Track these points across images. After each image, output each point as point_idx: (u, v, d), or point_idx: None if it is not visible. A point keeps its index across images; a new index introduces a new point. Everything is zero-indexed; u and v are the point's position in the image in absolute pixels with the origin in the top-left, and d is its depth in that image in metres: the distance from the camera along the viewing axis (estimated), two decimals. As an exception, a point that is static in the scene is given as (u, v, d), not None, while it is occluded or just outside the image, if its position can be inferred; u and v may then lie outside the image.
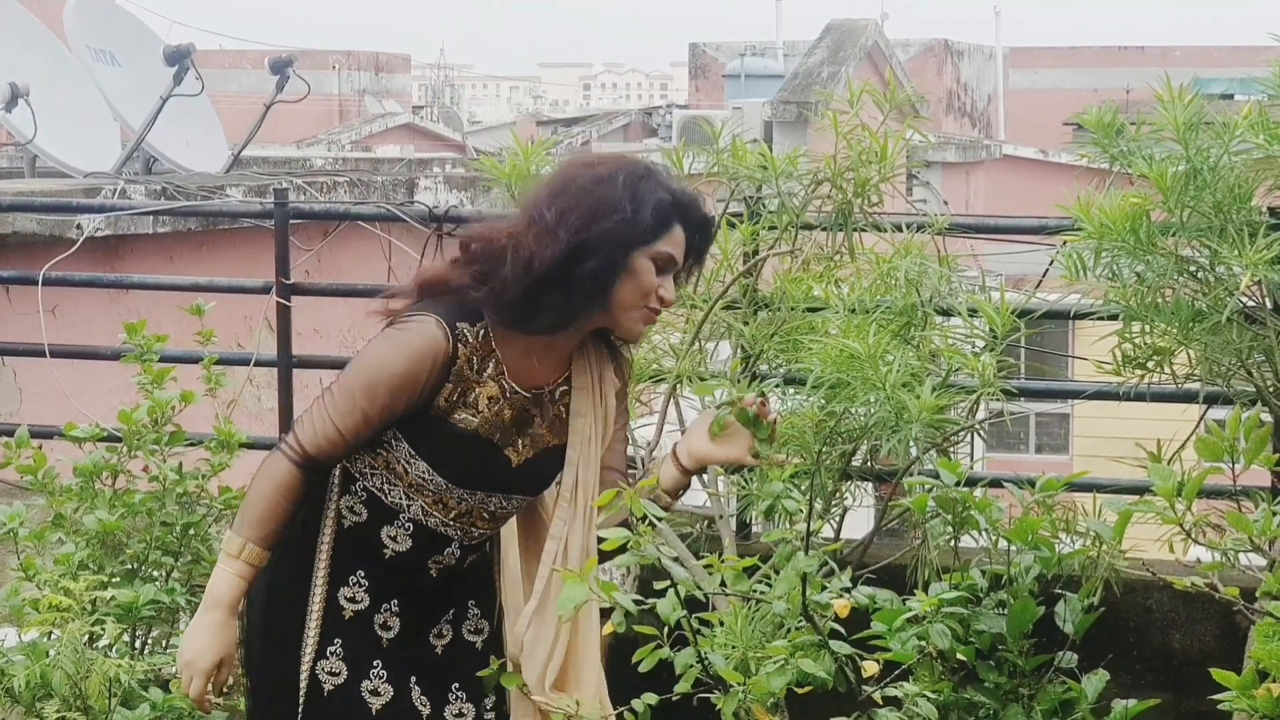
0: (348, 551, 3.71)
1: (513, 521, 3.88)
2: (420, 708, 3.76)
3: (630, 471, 5.21)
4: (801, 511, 3.86)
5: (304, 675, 3.68)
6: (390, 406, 3.58)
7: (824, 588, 3.63)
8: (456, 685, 3.83)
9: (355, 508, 3.71)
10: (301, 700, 3.68)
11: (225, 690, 3.71)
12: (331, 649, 3.69)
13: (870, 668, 3.62)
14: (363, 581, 3.72)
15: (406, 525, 3.71)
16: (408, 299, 3.65)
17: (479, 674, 3.81)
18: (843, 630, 3.66)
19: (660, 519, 3.43)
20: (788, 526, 4.48)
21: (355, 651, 3.71)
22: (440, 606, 3.83)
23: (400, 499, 3.69)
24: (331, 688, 3.69)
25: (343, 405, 3.58)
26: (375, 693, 3.72)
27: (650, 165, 3.64)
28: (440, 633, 3.83)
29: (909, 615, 3.88)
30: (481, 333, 3.60)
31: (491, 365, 3.62)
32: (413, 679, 3.77)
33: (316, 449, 3.60)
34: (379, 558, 3.72)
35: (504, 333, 3.61)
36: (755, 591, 3.62)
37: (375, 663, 3.72)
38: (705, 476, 5.21)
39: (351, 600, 3.72)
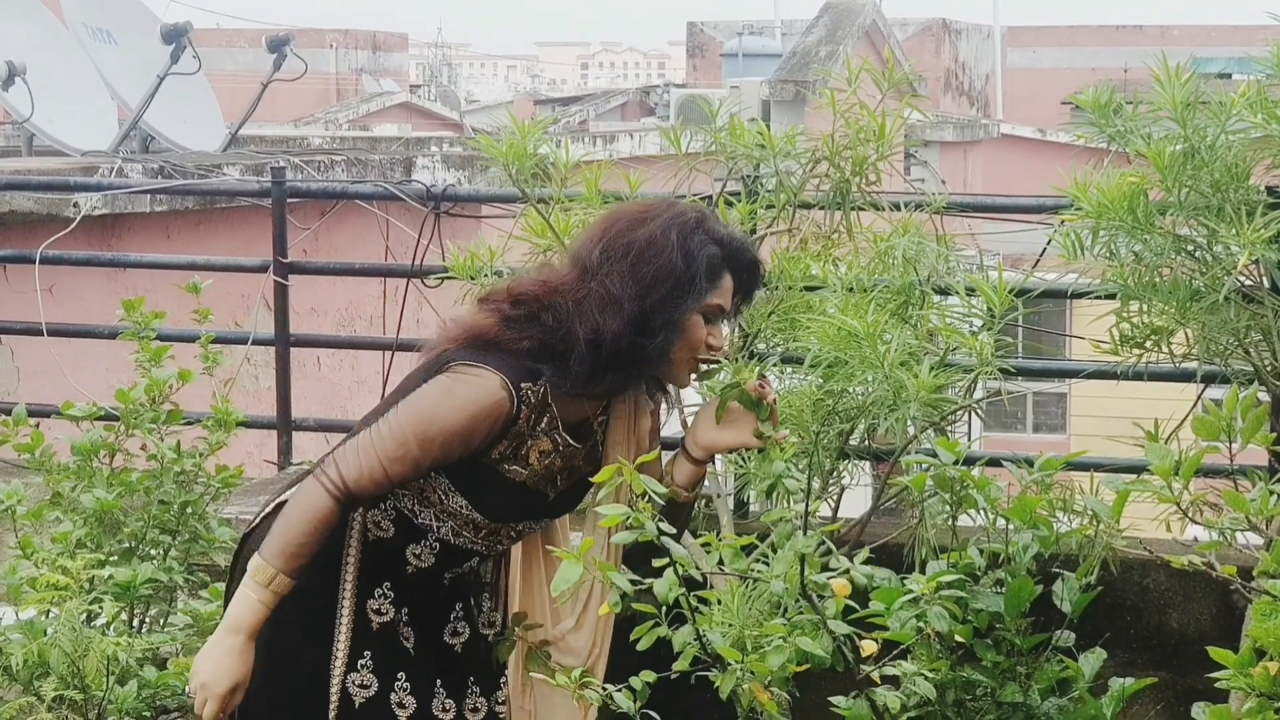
0: (373, 564, 3.69)
1: None
2: (442, 715, 3.78)
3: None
4: (802, 491, 3.86)
5: (334, 688, 3.66)
6: (444, 457, 3.55)
7: (825, 567, 3.63)
8: (472, 680, 3.84)
9: (383, 524, 3.69)
10: (333, 713, 3.66)
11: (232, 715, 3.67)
12: (362, 661, 3.68)
13: (869, 647, 3.62)
14: (389, 593, 3.71)
15: (433, 545, 3.71)
16: (455, 346, 3.58)
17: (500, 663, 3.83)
18: (854, 607, 3.67)
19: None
20: (786, 505, 4.49)
21: (383, 663, 3.70)
22: (449, 605, 3.83)
23: (430, 520, 3.68)
24: (363, 700, 3.68)
25: (393, 450, 3.53)
26: (401, 705, 3.72)
27: (700, 214, 3.60)
28: (456, 630, 3.84)
29: (909, 597, 3.88)
30: (541, 391, 3.56)
31: (546, 420, 3.59)
32: (438, 683, 3.78)
33: (359, 488, 3.55)
34: (400, 571, 3.72)
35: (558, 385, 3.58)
36: (753, 571, 3.62)
37: (400, 674, 3.72)
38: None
39: (378, 612, 3.71)
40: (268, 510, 3.76)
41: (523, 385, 3.52)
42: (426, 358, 3.62)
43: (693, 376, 3.70)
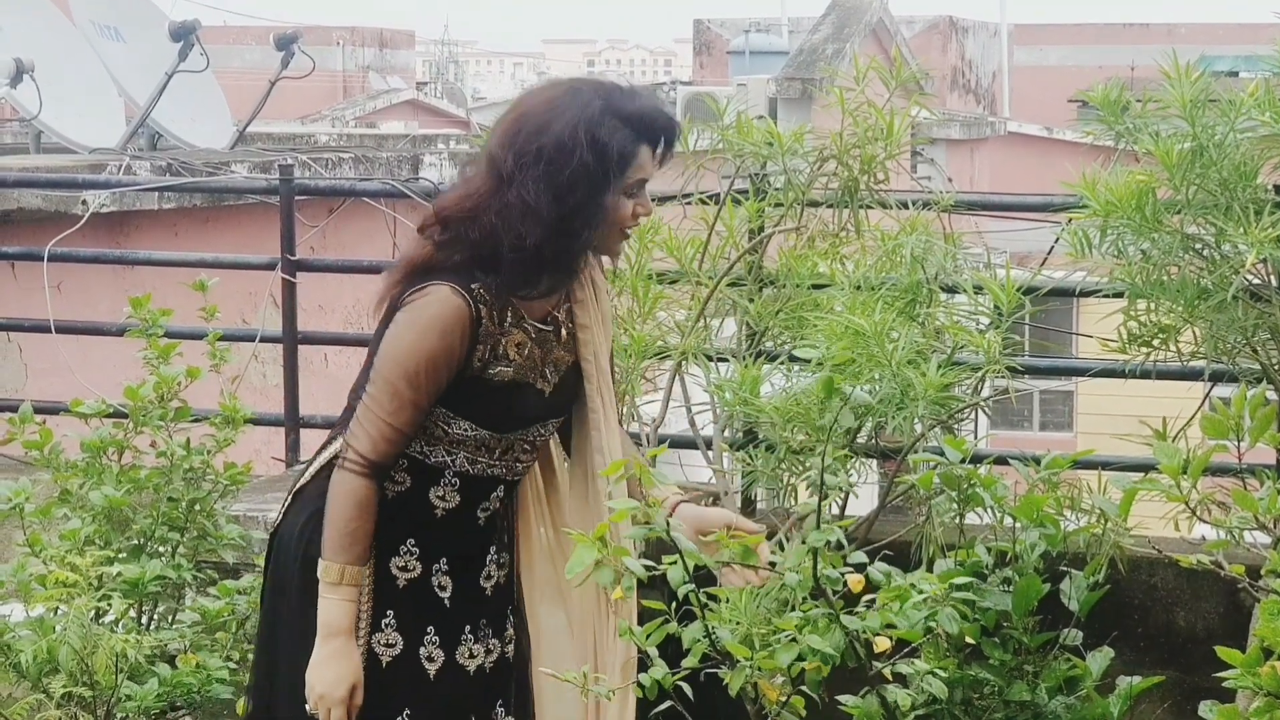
0: (395, 520, 3.68)
1: None
2: (466, 663, 3.76)
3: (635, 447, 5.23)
4: (839, 489, 3.85)
5: (360, 649, 3.66)
6: (435, 386, 3.58)
7: (844, 560, 3.64)
8: (484, 621, 3.82)
9: (396, 476, 3.69)
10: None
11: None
12: (385, 620, 3.68)
13: (882, 643, 3.62)
14: (414, 550, 3.70)
15: (453, 481, 3.70)
16: (398, 286, 3.62)
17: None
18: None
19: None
20: (793, 502, 4.49)
21: (409, 620, 3.70)
22: (485, 548, 3.80)
23: (442, 457, 3.68)
24: (390, 659, 3.68)
25: (390, 403, 3.56)
26: (430, 659, 3.72)
27: (605, 97, 3.58)
28: (489, 574, 3.81)
29: (921, 598, 3.88)
30: (493, 286, 3.59)
31: (510, 314, 3.62)
32: (466, 629, 3.77)
33: (380, 454, 3.59)
34: (429, 519, 3.71)
35: None
36: (764, 566, 3.62)
37: (429, 629, 3.71)
38: (710, 453, 5.22)
39: (404, 569, 3.70)
40: (288, 503, 3.78)
41: (472, 286, 3.56)
42: (379, 313, 3.66)
43: (622, 250, 3.73)
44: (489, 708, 3.82)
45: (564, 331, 3.74)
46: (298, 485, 3.78)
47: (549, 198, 3.50)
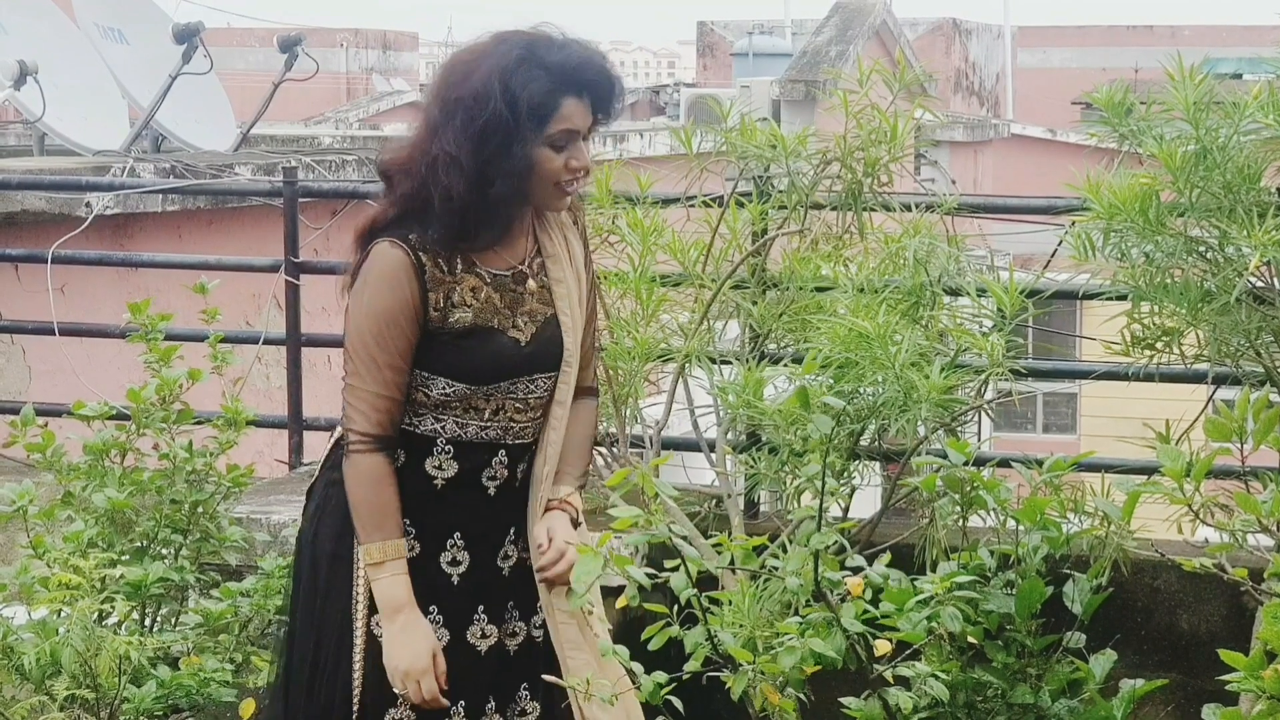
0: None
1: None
2: (478, 642, 3.74)
3: (638, 449, 5.23)
4: (833, 493, 3.85)
5: (358, 631, 3.67)
6: (404, 341, 3.60)
7: (843, 565, 3.64)
8: (511, 604, 3.79)
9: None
10: (359, 655, 3.68)
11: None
12: None
13: (883, 646, 3.62)
14: (410, 529, 3.68)
15: (447, 449, 3.69)
16: (355, 256, 3.69)
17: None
18: (866, 607, 3.67)
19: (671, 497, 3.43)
20: (796, 505, 4.49)
21: None
22: (502, 528, 3.77)
23: (431, 425, 3.68)
24: None
25: (367, 372, 3.60)
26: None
27: (527, 47, 3.57)
28: (506, 554, 3.78)
29: (921, 598, 3.88)
30: (434, 237, 3.61)
31: (460, 261, 3.63)
32: (479, 609, 3.74)
33: (378, 424, 3.61)
34: (429, 492, 3.70)
35: None
36: (767, 569, 3.63)
37: (432, 607, 3.69)
38: (714, 456, 5.21)
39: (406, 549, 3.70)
40: (304, 503, 3.82)
41: (410, 237, 3.59)
42: (348, 293, 3.71)
43: (563, 203, 3.68)
44: (511, 690, 3.78)
45: (536, 284, 3.72)
46: (310, 484, 3.82)
47: (469, 148, 3.53)
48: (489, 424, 3.70)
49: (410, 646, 3.60)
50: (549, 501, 3.75)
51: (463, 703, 3.70)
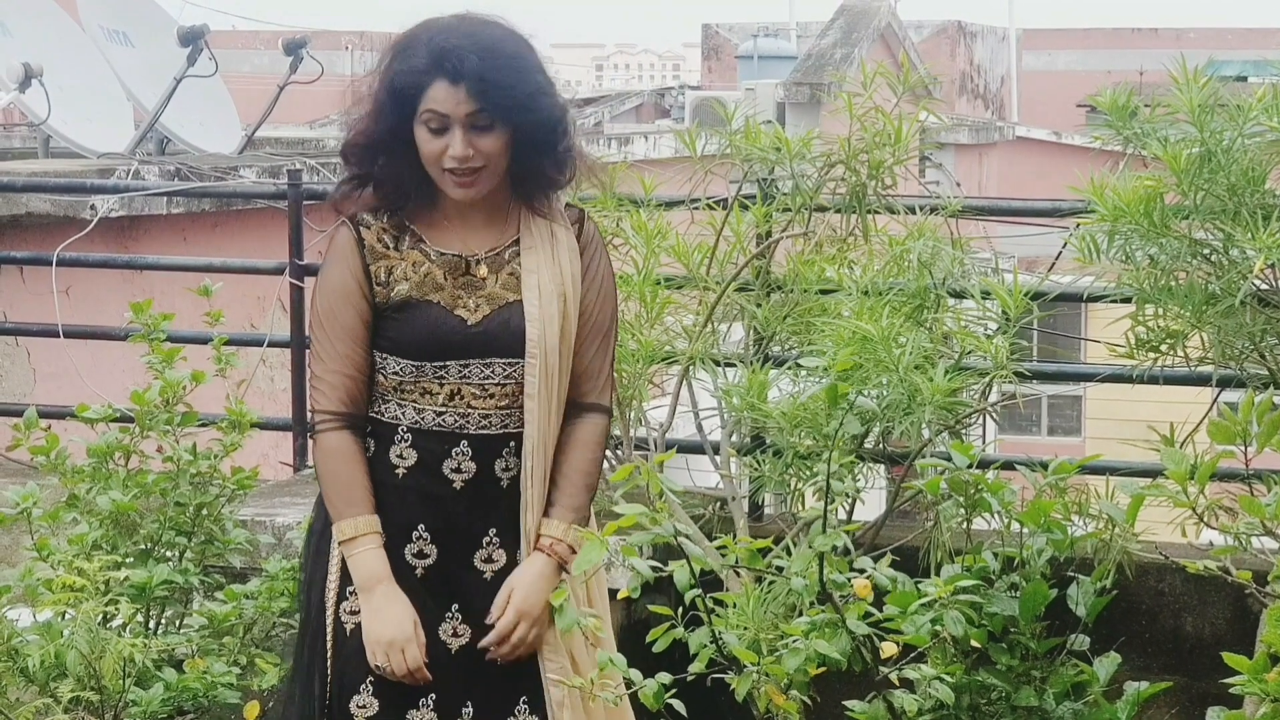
0: None
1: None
2: (451, 640, 3.72)
3: (642, 452, 5.23)
4: (846, 494, 3.85)
5: (329, 619, 3.71)
6: (354, 316, 3.69)
7: (851, 565, 3.64)
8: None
9: (366, 442, 3.74)
10: (330, 643, 3.71)
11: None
12: (350, 589, 3.69)
13: (889, 648, 3.62)
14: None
15: (406, 436, 3.70)
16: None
17: None
18: (870, 610, 3.67)
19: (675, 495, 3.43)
20: (801, 508, 4.49)
21: None
22: (478, 527, 3.74)
23: (394, 412, 3.70)
24: (353, 626, 3.69)
25: (325, 350, 3.69)
26: None
27: (430, 23, 3.70)
28: (490, 557, 3.74)
29: (924, 601, 3.88)
30: (387, 216, 3.73)
31: (408, 238, 3.72)
32: (454, 607, 3.72)
33: (340, 401, 3.68)
34: (392, 482, 3.71)
35: (410, 211, 3.73)
36: (771, 570, 3.63)
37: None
38: (718, 458, 5.22)
39: None
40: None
41: (360, 214, 3.75)
42: None
43: (460, 191, 3.69)
44: (500, 703, 3.74)
45: (505, 270, 3.73)
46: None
47: (366, 125, 3.72)
48: (445, 409, 3.69)
49: (392, 616, 3.62)
50: (538, 539, 3.72)
51: (433, 695, 3.69)
